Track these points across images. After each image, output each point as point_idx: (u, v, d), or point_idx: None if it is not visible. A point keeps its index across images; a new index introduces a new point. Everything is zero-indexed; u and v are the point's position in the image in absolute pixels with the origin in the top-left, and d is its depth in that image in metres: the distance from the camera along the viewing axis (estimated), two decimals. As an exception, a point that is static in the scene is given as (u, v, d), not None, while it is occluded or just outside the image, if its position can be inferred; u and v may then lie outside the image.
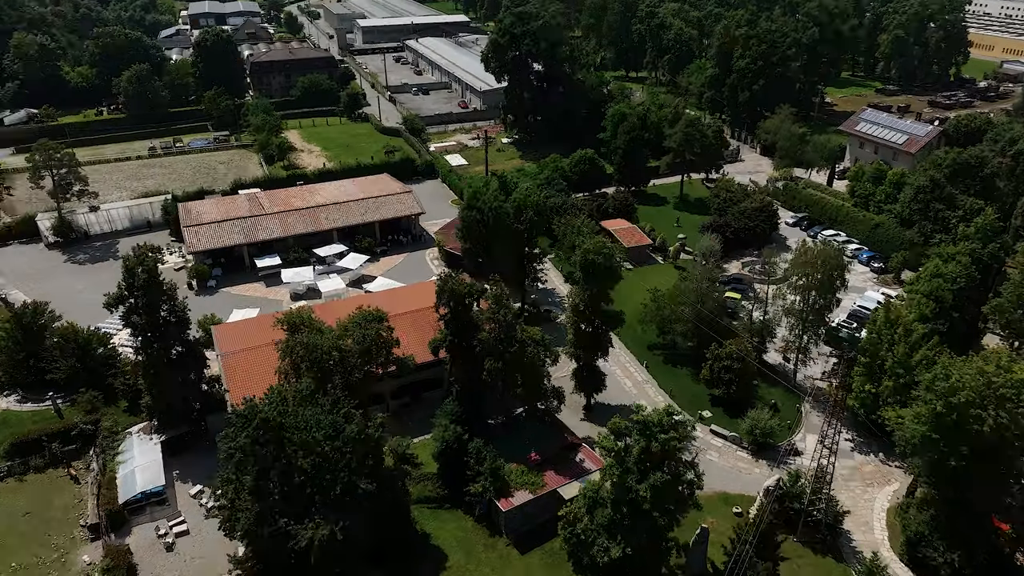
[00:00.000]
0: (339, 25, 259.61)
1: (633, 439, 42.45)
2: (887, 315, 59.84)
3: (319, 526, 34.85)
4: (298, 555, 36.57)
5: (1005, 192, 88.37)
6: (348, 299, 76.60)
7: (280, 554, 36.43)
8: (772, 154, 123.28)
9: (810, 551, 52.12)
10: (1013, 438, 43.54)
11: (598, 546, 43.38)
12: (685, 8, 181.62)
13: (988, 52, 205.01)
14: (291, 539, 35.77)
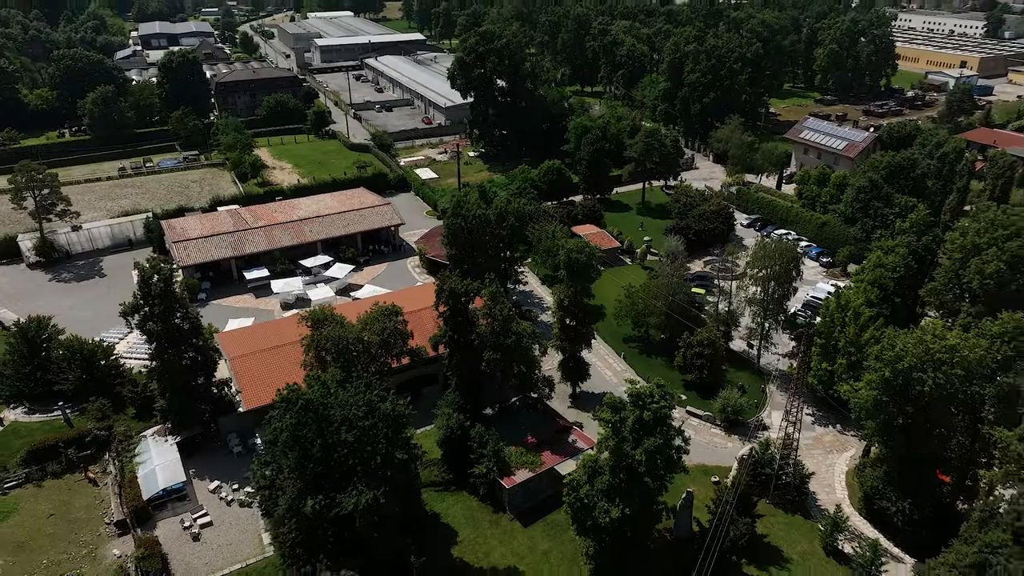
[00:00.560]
0: (296, 44, 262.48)
1: (628, 410, 47.92)
2: (838, 301, 67.07)
3: (362, 493, 39.26)
4: (340, 523, 40.84)
5: (934, 191, 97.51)
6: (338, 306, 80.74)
7: (323, 524, 40.61)
8: (724, 161, 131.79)
9: (781, 510, 58.39)
10: (949, 397, 50.56)
11: (599, 509, 48.53)
12: (636, 26, 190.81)
13: (914, 64, 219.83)
14: (336, 507, 40.05)
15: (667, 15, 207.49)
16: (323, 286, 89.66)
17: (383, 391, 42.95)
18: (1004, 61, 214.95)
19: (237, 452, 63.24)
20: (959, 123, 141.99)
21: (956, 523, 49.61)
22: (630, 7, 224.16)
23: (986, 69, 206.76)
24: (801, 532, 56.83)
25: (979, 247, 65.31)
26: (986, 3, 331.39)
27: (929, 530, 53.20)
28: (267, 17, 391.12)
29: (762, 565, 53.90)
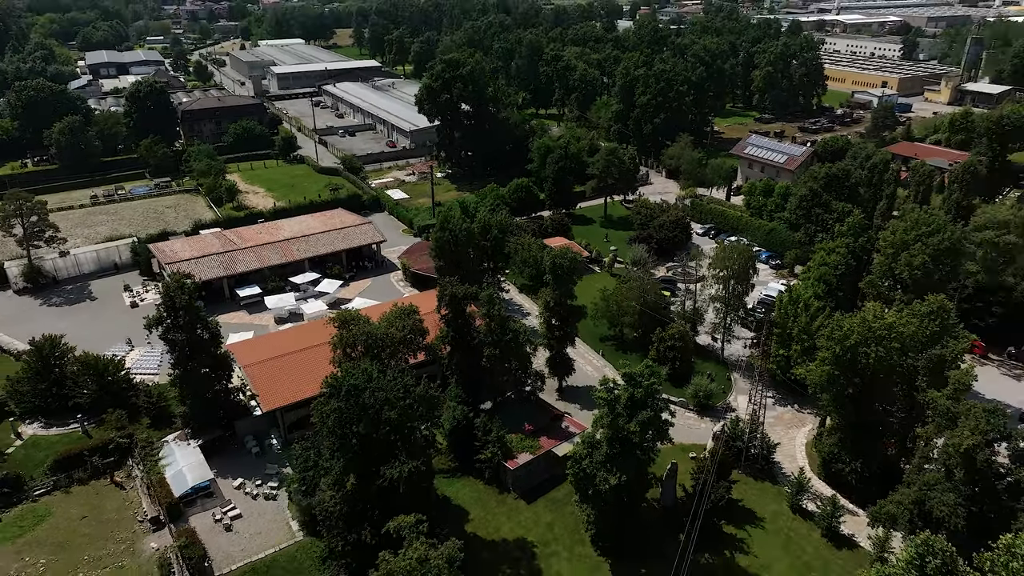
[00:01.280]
0: (251, 72, 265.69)
1: (622, 389, 55.00)
2: (790, 296, 75.95)
3: (404, 463, 45.04)
4: (382, 494, 46.51)
5: (866, 197, 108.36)
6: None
7: (364, 498, 46.21)
8: (676, 177, 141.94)
9: (751, 478, 66.16)
10: (889, 368, 59.31)
11: (599, 478, 55.27)
12: (586, 51, 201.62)
13: (841, 84, 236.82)
14: (379, 479, 45.70)
15: (614, 41, 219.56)
16: (314, 301, 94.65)
17: (414, 378, 49.01)
18: (920, 81, 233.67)
19: (255, 452, 67.87)
20: (884, 137, 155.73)
21: (900, 479, 58.10)
22: (580, 34, 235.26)
23: (905, 88, 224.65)
24: (770, 495, 64.72)
25: (907, 243, 75.23)
26: (901, 28, 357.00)
27: (878, 486, 61.51)
28: (215, 45, 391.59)
29: (739, 524, 61.44)
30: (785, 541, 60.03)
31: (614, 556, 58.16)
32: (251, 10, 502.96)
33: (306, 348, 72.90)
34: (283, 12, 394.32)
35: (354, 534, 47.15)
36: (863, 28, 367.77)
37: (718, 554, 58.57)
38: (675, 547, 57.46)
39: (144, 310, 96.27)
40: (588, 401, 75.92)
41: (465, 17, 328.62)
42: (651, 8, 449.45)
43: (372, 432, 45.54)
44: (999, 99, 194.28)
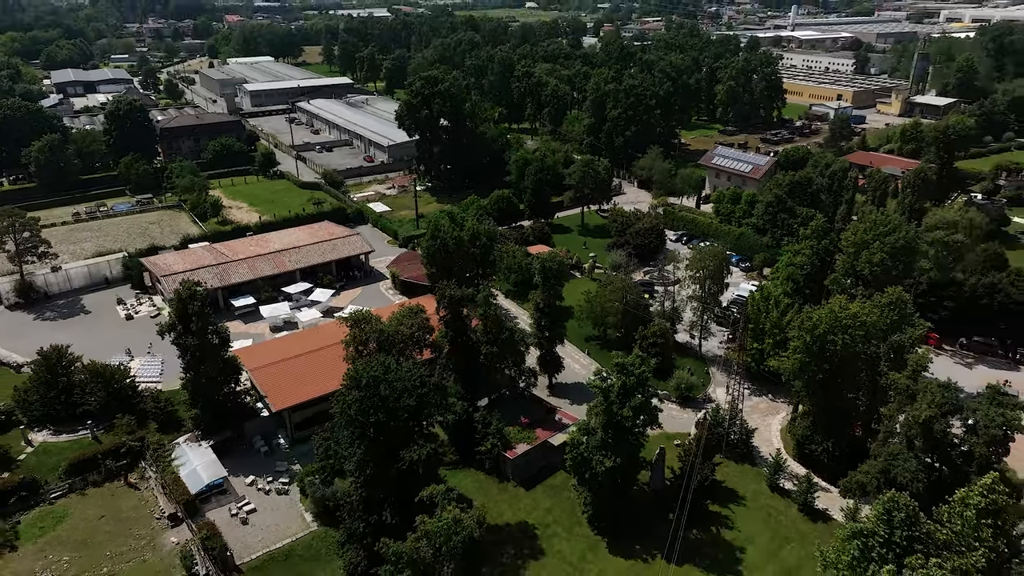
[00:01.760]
0: (223, 90, 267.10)
1: (615, 377, 59.65)
2: (762, 294, 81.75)
3: (422, 447, 48.95)
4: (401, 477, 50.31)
5: (827, 203, 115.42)
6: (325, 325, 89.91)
7: (385, 477, 49.97)
8: (648, 187, 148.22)
9: (732, 461, 71.26)
10: (854, 355, 65.03)
11: (596, 461, 59.73)
12: (556, 68, 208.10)
13: (799, 97, 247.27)
14: (398, 463, 49.53)
15: (583, 57, 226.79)
16: (308, 309, 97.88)
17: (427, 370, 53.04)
18: (872, 94, 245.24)
19: (264, 452, 70.98)
20: (841, 147, 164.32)
21: (867, 457, 63.60)
22: (550, 51, 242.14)
23: (859, 101, 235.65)
24: (750, 476, 69.89)
25: (867, 242, 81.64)
26: (853, 43, 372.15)
27: (847, 464, 67.01)
28: (181, 63, 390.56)
29: (723, 503, 66.43)
30: (765, 517, 65.15)
31: (610, 535, 62.57)
32: (216, 28, 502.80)
33: (309, 352, 76.42)
34: (251, 30, 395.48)
35: (375, 515, 50.77)
36: (817, 44, 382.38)
37: (705, 530, 63.40)
38: (664, 526, 62.27)
39: (139, 323, 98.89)
40: (577, 396, 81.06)
41: (434, 35, 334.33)
42: (615, 25, 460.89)
43: (390, 420, 49.39)
44: (945, 111, 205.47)
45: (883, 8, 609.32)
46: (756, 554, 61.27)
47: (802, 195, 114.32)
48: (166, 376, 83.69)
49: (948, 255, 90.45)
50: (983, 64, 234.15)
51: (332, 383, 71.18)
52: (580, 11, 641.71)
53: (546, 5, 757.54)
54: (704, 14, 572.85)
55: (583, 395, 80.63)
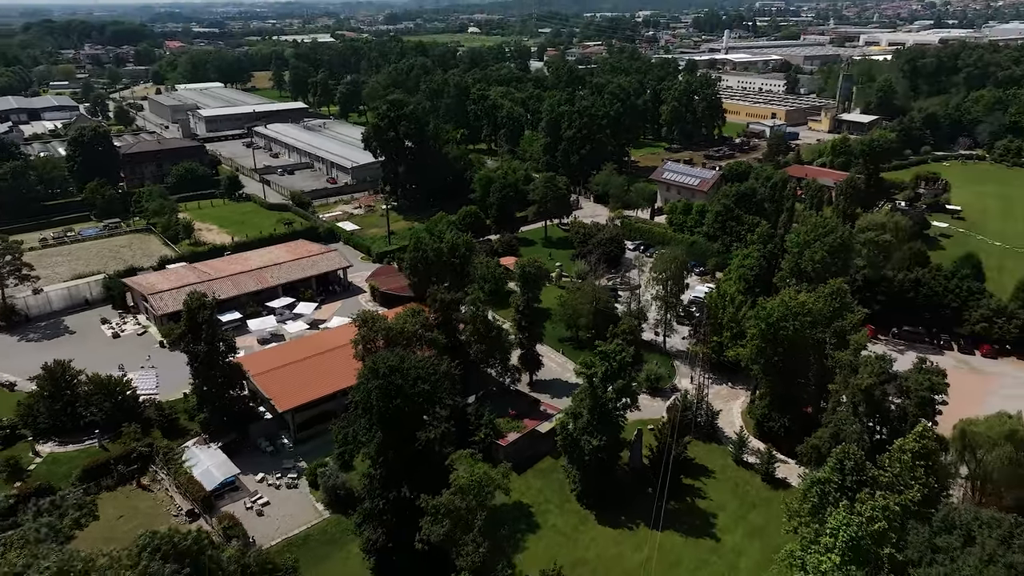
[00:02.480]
0: (175, 116, 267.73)
1: (598, 364, 66.69)
2: (719, 292, 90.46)
3: (437, 427, 54.82)
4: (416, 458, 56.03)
5: (770, 211, 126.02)
6: (311, 335, 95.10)
7: (402, 456, 55.63)
8: (604, 201, 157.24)
9: (700, 441, 78.90)
10: (803, 340, 73.77)
11: (584, 440, 66.54)
12: (510, 91, 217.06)
13: (737, 116, 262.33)
14: (415, 442, 55.27)
15: (535, 81, 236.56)
16: (293, 322, 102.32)
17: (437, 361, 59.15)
18: (804, 112, 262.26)
19: (269, 451, 75.41)
20: (779, 161, 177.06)
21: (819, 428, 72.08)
22: (503, 75, 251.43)
23: (791, 119, 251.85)
24: (716, 453, 77.72)
25: (809, 242, 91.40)
26: (783, 65, 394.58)
27: (801, 437, 75.53)
28: (125, 90, 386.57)
29: (695, 477, 73.96)
30: (733, 487, 72.96)
31: (597, 509, 69.27)
32: (158, 54, 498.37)
33: (307, 357, 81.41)
34: (198, 56, 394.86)
35: (393, 492, 56.30)
36: (750, 66, 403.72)
37: (681, 500, 70.73)
38: (644, 499, 69.58)
39: (126, 340, 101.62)
40: (556, 391, 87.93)
41: (384, 60, 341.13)
42: (558, 50, 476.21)
43: (407, 405, 55.19)
44: (869, 127, 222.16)
45: (808, 32, 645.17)
46: (727, 519, 68.86)
47: (747, 205, 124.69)
48: (161, 388, 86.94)
49: (878, 254, 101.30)
50: (900, 84, 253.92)
51: (331, 385, 77.40)
52: (522, 36, 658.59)
53: (488, 31, 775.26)
54: (642, 38, 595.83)
55: (561, 390, 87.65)
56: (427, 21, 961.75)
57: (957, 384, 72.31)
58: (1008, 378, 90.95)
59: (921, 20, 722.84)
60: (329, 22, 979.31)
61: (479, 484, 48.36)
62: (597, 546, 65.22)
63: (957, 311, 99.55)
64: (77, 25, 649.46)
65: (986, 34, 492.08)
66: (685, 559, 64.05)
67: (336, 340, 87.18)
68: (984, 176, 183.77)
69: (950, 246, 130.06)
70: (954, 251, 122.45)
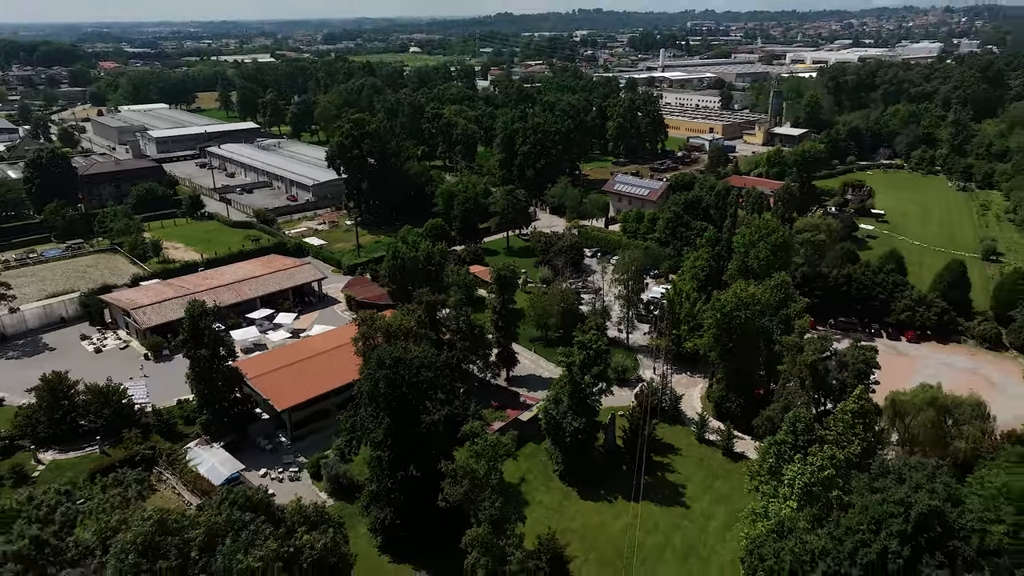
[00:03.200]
0: (122, 137, 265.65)
1: (576, 353, 73.86)
2: (675, 290, 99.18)
3: (439, 411, 60.84)
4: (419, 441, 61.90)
5: (716, 217, 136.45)
6: (296, 343, 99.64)
7: (408, 439, 61.40)
8: (560, 212, 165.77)
9: (666, 423, 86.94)
10: (753, 328, 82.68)
11: (566, 422, 73.49)
12: (464, 109, 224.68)
13: (677, 131, 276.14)
14: (419, 426, 61.13)
15: (486, 99, 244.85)
16: (274, 332, 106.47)
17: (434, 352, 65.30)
18: (739, 127, 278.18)
19: (268, 449, 79.82)
20: (719, 172, 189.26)
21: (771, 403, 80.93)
22: (456, 94, 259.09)
23: (728, 133, 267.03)
24: (681, 433, 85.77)
25: (754, 242, 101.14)
26: (716, 83, 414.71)
27: (754, 415, 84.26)
28: (63, 111, 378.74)
29: (663, 454, 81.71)
30: (697, 461, 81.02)
31: (578, 486, 76.19)
32: (93, 75, 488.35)
33: (299, 361, 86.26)
34: (141, 77, 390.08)
35: (401, 472, 62.00)
36: (686, 83, 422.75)
37: (652, 475, 78.26)
38: (619, 476, 77.05)
39: (109, 355, 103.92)
40: (532, 385, 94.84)
41: (331, 80, 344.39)
42: (501, 69, 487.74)
43: (412, 391, 61.14)
44: (800, 140, 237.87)
45: (738, 51, 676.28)
46: (694, 488, 76.75)
47: (695, 212, 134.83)
48: (152, 398, 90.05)
49: (815, 252, 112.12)
50: (825, 100, 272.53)
51: (323, 385, 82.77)
52: (464, 56, 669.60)
53: (430, 50, 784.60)
54: (581, 57, 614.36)
55: (536, 384, 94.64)
56: (367, 41, 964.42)
57: (887, 366, 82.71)
58: (930, 359, 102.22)
59: (841, 40, 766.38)
60: (267, 42, 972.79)
61: (492, 448, 54.76)
62: (582, 517, 72.11)
63: (884, 302, 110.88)
64: (4, 45, 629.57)
65: (899, 53, 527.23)
66: (661, 524, 71.49)
67: (323, 345, 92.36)
68: (903, 183, 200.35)
69: (876, 246, 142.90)
70: (879, 250, 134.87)
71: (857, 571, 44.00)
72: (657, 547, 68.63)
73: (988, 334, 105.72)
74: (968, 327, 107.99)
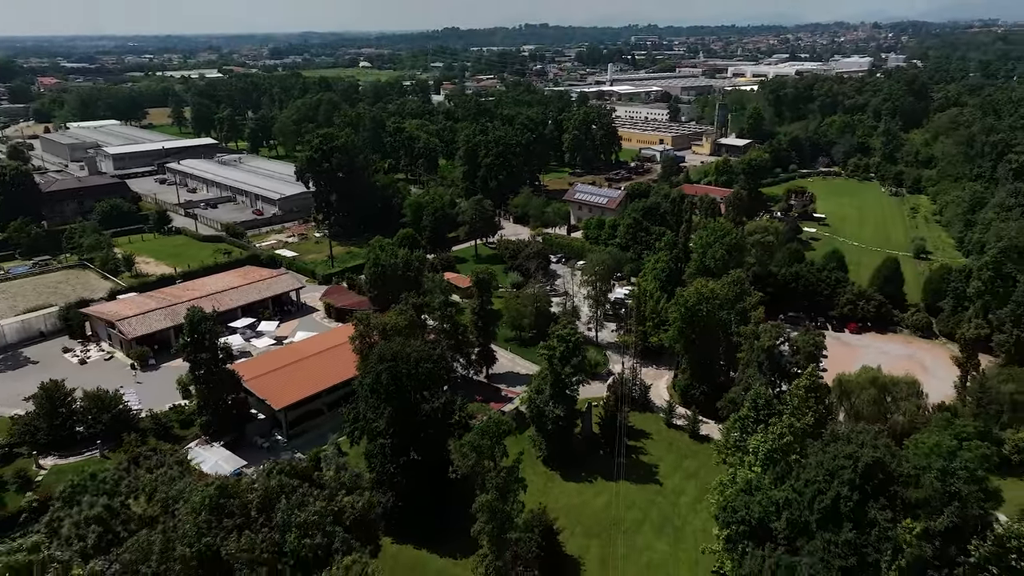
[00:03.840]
0: (75, 154, 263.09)
1: (556, 346, 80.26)
2: (640, 290, 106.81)
3: (438, 399, 66.34)
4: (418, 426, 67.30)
5: (672, 222, 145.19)
6: (282, 348, 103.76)
7: (409, 426, 66.76)
8: (523, 222, 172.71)
9: (637, 411, 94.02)
10: (714, 321, 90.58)
11: (548, 410, 79.74)
12: (425, 123, 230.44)
13: (629, 143, 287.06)
14: (420, 413, 66.52)
15: (446, 113, 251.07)
16: (257, 340, 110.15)
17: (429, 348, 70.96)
18: (687, 138, 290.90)
19: (266, 447, 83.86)
20: (672, 181, 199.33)
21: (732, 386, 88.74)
22: (416, 110, 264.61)
23: (678, 144, 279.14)
24: (651, 420, 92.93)
25: (710, 243, 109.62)
26: (663, 96, 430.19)
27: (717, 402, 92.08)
28: (5, 128, 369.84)
29: (636, 439, 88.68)
30: (667, 444, 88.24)
31: (560, 469, 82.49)
32: (34, 92, 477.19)
33: (290, 364, 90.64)
34: (88, 93, 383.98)
35: (403, 457, 67.28)
36: (634, 97, 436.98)
37: (628, 457, 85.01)
38: (597, 459, 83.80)
39: (94, 366, 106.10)
40: (510, 381, 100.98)
41: (286, 95, 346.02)
42: (454, 83, 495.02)
43: (411, 383, 66.62)
44: (745, 149, 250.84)
45: (682, 65, 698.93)
46: (666, 468, 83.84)
47: (653, 218, 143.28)
48: (144, 405, 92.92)
49: (764, 252, 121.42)
50: (767, 112, 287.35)
51: (315, 386, 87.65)
52: (415, 70, 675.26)
53: (380, 65, 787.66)
54: (531, 72, 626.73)
55: (513, 380, 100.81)
56: (315, 55, 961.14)
57: (832, 355, 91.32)
58: (870, 347, 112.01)
59: (779, 54, 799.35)
60: (213, 57, 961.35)
61: (495, 425, 60.58)
62: (566, 497, 78.38)
63: (829, 297, 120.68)
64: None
65: (833, 67, 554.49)
66: (638, 500, 78.24)
67: (310, 349, 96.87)
68: (841, 189, 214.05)
69: (819, 247, 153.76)
70: (822, 250, 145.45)
71: (815, 516, 51.31)
72: (636, 520, 75.32)
73: (920, 324, 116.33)
74: (903, 318, 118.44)
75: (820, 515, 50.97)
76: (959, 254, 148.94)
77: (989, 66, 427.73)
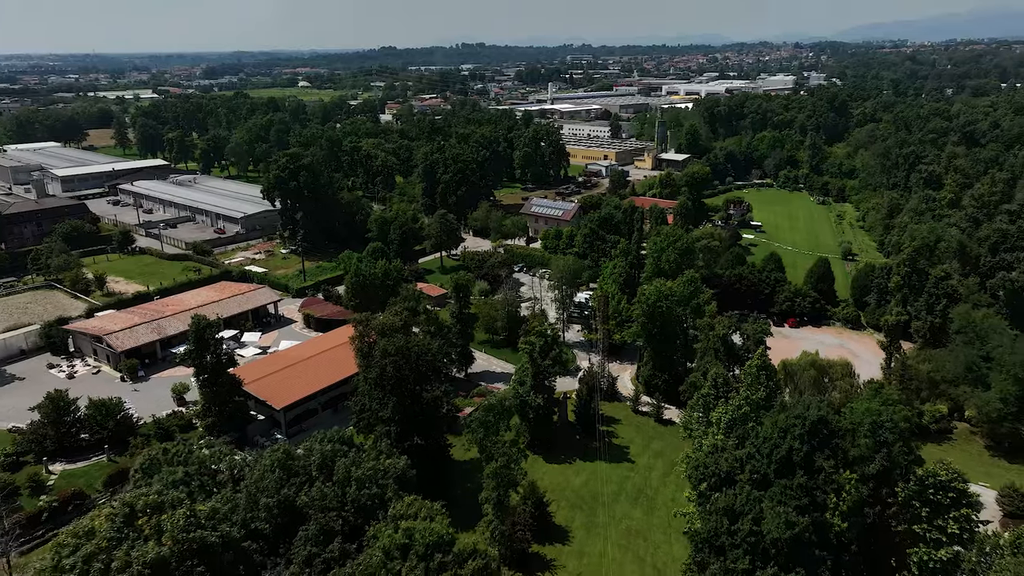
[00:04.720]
0: (18, 176, 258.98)
1: (536, 340, 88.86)
2: (603, 292, 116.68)
3: (438, 387, 73.87)
4: (420, 413, 74.71)
5: (626, 231, 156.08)
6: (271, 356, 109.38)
7: (413, 413, 74.11)
8: (483, 234, 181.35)
9: (606, 401, 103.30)
10: (672, 316, 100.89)
11: (531, 399, 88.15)
12: (381, 142, 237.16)
13: (575, 159, 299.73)
14: (422, 401, 73.88)
15: (400, 132, 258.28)
16: (244, 349, 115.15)
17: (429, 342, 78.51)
18: (630, 153, 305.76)
19: (266, 446, 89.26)
20: (620, 194, 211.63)
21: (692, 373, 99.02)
22: (370, 128, 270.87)
23: (621, 160, 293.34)
24: (619, 408, 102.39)
25: (664, 248, 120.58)
26: (604, 114, 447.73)
27: (677, 389, 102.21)
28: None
29: (607, 425, 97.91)
30: (635, 428, 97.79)
31: (542, 452, 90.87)
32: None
33: (286, 367, 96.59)
34: (24, 115, 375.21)
35: (408, 442, 74.53)
36: (575, 115, 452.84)
37: (601, 440, 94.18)
38: (573, 443, 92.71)
39: (82, 380, 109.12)
40: (488, 379, 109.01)
41: (233, 116, 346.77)
42: (398, 103, 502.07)
43: (413, 375, 74.11)
44: (684, 164, 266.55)
45: (618, 84, 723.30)
46: (636, 448, 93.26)
47: (607, 227, 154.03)
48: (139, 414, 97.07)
49: (711, 256, 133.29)
50: (703, 128, 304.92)
51: (310, 387, 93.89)
52: (355, 89, 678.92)
53: (320, 84, 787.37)
54: (473, 91, 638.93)
55: (491, 378, 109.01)
56: (250, 75, 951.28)
57: (775, 346, 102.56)
58: (808, 339, 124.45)
59: (709, 72, 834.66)
60: (143, 77, 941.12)
61: (500, 403, 68.57)
62: (549, 476, 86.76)
63: (769, 296, 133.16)
64: None
65: (760, 84, 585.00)
66: (613, 477, 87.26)
67: (301, 355, 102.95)
68: (774, 199, 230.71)
69: (757, 251, 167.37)
70: (761, 254, 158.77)
71: (773, 466, 61.18)
72: (613, 493, 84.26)
73: (850, 317, 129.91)
74: (835, 312, 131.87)
75: (777, 465, 60.81)
76: (880, 255, 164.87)
77: (899, 84, 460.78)
